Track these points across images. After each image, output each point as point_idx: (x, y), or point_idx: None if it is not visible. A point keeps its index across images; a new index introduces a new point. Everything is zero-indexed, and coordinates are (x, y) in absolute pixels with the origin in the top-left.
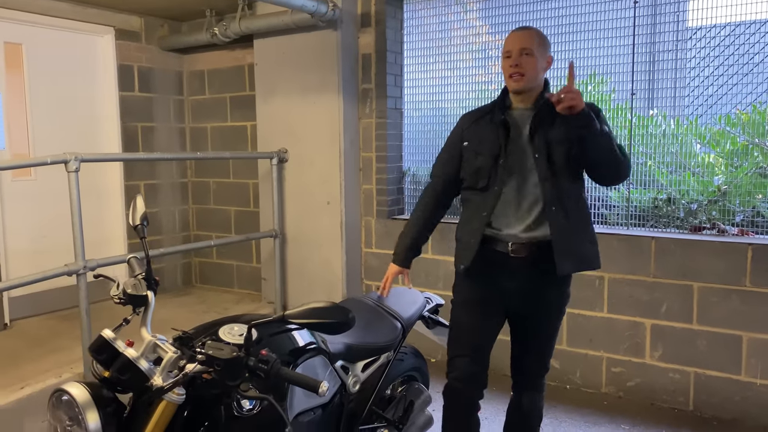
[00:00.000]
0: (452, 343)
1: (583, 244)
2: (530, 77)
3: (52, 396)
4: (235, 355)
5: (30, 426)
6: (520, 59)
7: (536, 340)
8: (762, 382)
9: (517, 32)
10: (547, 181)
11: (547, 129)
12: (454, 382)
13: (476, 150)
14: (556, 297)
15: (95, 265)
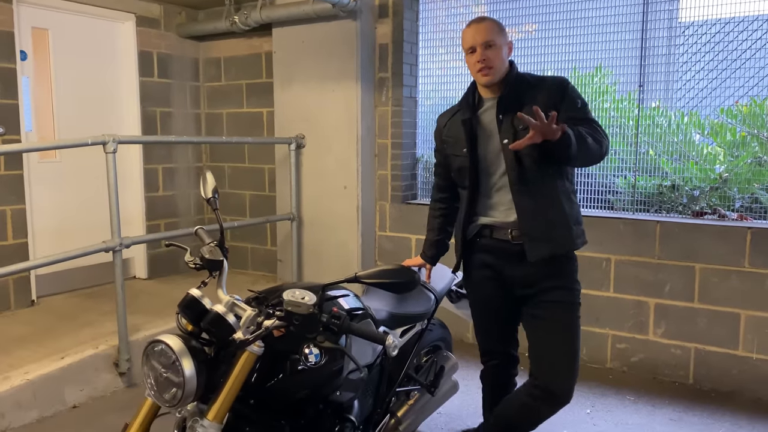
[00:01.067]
0: (479, 334)
1: (553, 228)
2: (498, 68)
3: (147, 347)
4: (311, 311)
5: (70, 393)
6: (485, 53)
7: (549, 329)
8: (758, 357)
9: (476, 25)
10: (513, 170)
11: (513, 115)
12: (487, 368)
13: (453, 152)
14: (562, 281)
15: (130, 243)
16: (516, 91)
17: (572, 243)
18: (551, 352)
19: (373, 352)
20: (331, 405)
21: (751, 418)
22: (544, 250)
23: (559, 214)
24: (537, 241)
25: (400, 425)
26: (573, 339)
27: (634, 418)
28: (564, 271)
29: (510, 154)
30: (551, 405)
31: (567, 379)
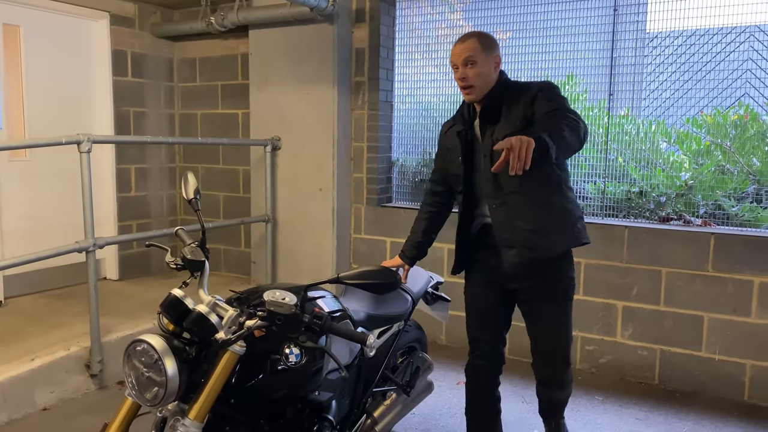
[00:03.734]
0: (470, 327)
1: (527, 235)
2: (479, 87)
3: (129, 346)
4: (294, 311)
5: (40, 395)
6: (465, 71)
7: (539, 328)
8: (720, 358)
9: (459, 44)
10: (488, 180)
11: (493, 128)
12: (476, 360)
13: (451, 159)
14: (547, 281)
15: (104, 243)
16: (497, 102)
17: (550, 249)
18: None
19: (350, 352)
20: (310, 405)
21: (713, 417)
22: (516, 257)
23: (534, 222)
24: (510, 248)
25: (377, 425)
26: (560, 336)
27: (603, 418)
28: (550, 272)
29: (487, 164)
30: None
31: (557, 372)
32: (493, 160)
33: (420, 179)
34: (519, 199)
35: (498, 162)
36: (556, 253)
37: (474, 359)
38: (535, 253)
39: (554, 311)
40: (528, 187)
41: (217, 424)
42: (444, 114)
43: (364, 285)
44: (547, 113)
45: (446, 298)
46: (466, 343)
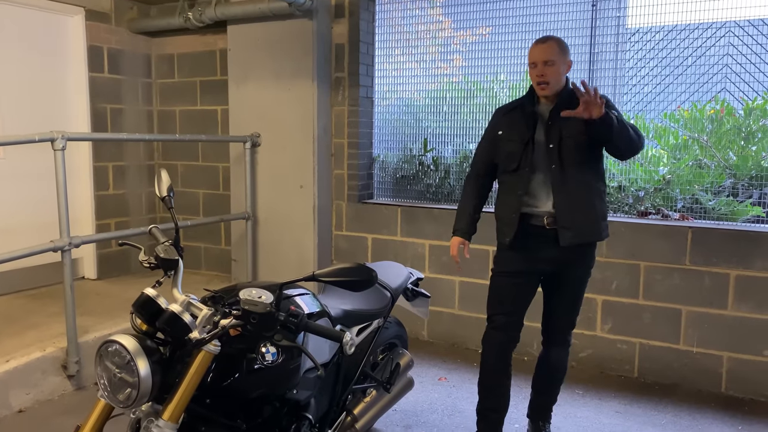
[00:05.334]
0: (492, 303)
1: (583, 221)
2: (554, 84)
3: (100, 347)
4: (269, 309)
5: (16, 396)
6: (544, 69)
7: (567, 299)
8: (698, 350)
9: (540, 45)
10: (555, 167)
11: (562, 123)
12: (492, 331)
13: (508, 137)
14: (584, 261)
15: (79, 242)
16: (567, 105)
17: (598, 235)
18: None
19: (329, 350)
20: (288, 403)
21: (691, 408)
22: (575, 239)
23: (589, 211)
24: (569, 231)
25: (357, 422)
26: (578, 302)
27: (583, 411)
28: (587, 254)
29: (555, 153)
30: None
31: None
32: (561, 147)
33: (401, 176)
34: (581, 189)
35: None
36: (602, 238)
37: (490, 332)
38: (588, 237)
39: (579, 283)
40: (589, 180)
41: (193, 425)
42: (425, 110)
43: (339, 282)
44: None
45: (426, 294)
46: (447, 339)
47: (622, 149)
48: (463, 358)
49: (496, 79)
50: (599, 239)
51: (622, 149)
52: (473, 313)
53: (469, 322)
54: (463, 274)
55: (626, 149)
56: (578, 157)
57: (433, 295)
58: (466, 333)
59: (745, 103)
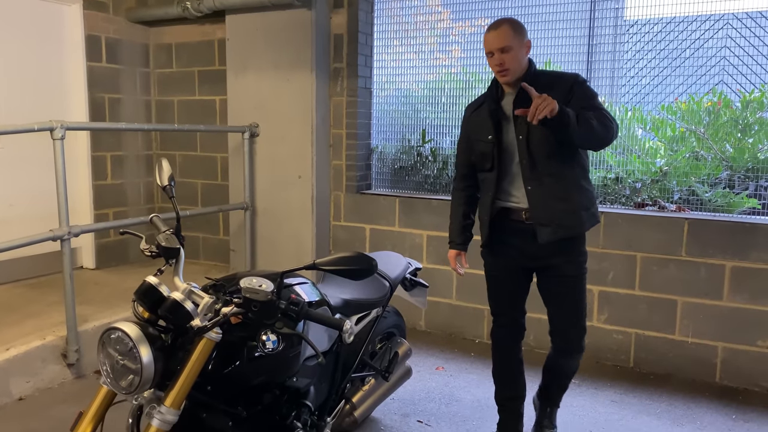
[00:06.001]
0: (491, 302)
1: (561, 215)
2: (514, 69)
3: (103, 334)
4: (270, 297)
5: (16, 385)
6: (502, 57)
7: (565, 305)
8: (693, 340)
9: (493, 31)
10: (524, 159)
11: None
12: (498, 328)
13: (478, 137)
14: (570, 257)
15: (79, 231)
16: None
17: (580, 227)
18: (562, 319)
19: (329, 338)
20: (288, 391)
21: (686, 398)
22: (551, 235)
23: (566, 202)
24: (545, 227)
25: (355, 410)
26: (579, 305)
27: (579, 401)
28: (572, 249)
29: (523, 146)
30: (570, 358)
31: (576, 338)
32: (529, 140)
33: (399, 166)
34: (554, 181)
35: (523, 110)
36: (584, 230)
37: (496, 328)
38: (568, 231)
39: (573, 283)
40: (563, 170)
41: (194, 411)
42: (423, 101)
43: (340, 271)
44: (584, 107)
45: (424, 284)
46: (444, 329)
47: (586, 146)
48: (461, 348)
49: None
50: (581, 231)
51: (586, 146)
52: (470, 303)
53: (466, 312)
54: None
55: (591, 145)
56: (548, 148)
57: (431, 286)
58: (464, 323)
59: (743, 96)
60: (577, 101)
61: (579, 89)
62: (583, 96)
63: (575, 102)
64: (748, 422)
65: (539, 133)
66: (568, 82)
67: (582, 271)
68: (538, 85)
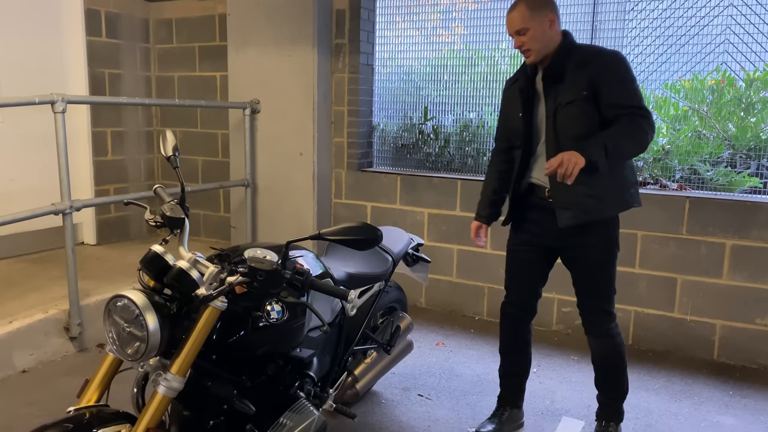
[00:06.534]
0: (506, 277)
1: (584, 198)
2: (537, 49)
3: (109, 302)
4: (275, 267)
5: (19, 357)
6: (521, 39)
7: (584, 281)
8: (692, 318)
9: (509, 15)
10: (549, 140)
11: (557, 91)
12: (506, 306)
13: (510, 114)
14: (595, 240)
15: (80, 206)
16: (561, 66)
17: (603, 212)
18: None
19: (331, 312)
20: (292, 362)
21: (684, 374)
22: (572, 220)
23: (590, 187)
24: (566, 210)
25: (357, 383)
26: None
27: (578, 376)
28: (596, 233)
29: (549, 126)
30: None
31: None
32: (556, 121)
33: (401, 144)
34: None
35: (550, 169)
36: (608, 216)
37: (504, 305)
38: (590, 216)
39: (595, 268)
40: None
41: (199, 380)
42: (425, 78)
43: (345, 241)
44: (617, 108)
45: (426, 259)
46: (444, 306)
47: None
48: (461, 324)
49: (497, 47)
50: (605, 217)
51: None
52: (471, 281)
53: (466, 289)
54: (461, 243)
55: (631, 156)
56: (576, 128)
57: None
58: (464, 300)
59: (746, 75)
60: (609, 94)
61: (614, 76)
62: (617, 86)
63: (606, 94)
64: (745, 398)
65: (567, 114)
66: (604, 62)
67: (607, 258)
68: (572, 61)
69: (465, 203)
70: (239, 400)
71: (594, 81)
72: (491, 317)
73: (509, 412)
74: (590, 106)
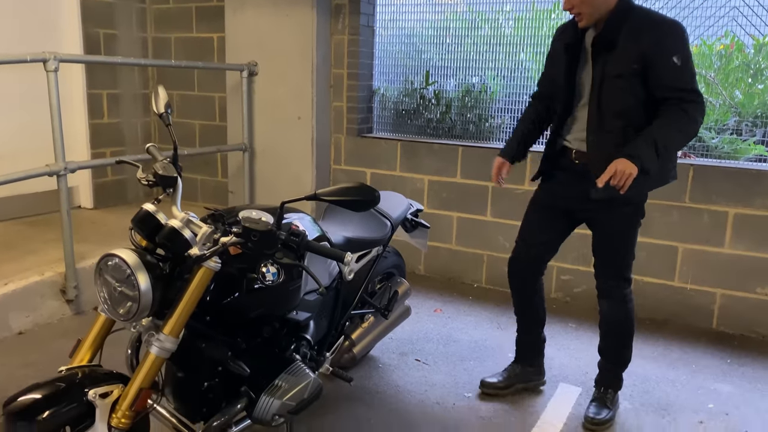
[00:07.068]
0: (520, 229)
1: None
2: (588, 13)
3: (100, 261)
4: (270, 227)
5: (15, 319)
6: (571, 1)
7: (604, 246)
8: (692, 287)
9: None
10: (592, 110)
11: (605, 59)
12: (513, 260)
13: (554, 68)
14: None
15: (75, 167)
16: (614, 32)
17: (641, 188)
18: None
19: (329, 275)
20: (288, 324)
21: (682, 342)
22: (604, 193)
23: None
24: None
25: (354, 347)
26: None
27: (576, 344)
28: (625, 205)
29: (594, 96)
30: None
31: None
32: (602, 92)
33: (402, 109)
34: (619, 134)
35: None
36: (645, 191)
37: (510, 260)
38: (628, 192)
39: (621, 235)
40: (633, 120)
41: (193, 342)
42: (427, 41)
43: (342, 202)
44: (667, 90)
45: (425, 224)
46: (443, 273)
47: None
48: (459, 291)
49: (501, 9)
50: (640, 192)
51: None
52: (470, 248)
53: (465, 257)
54: (461, 210)
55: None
56: (621, 104)
57: (431, 231)
58: (463, 268)
59: (755, 41)
60: (660, 74)
61: (668, 53)
62: (669, 65)
63: (656, 72)
64: (743, 366)
65: (614, 87)
66: (660, 35)
67: (631, 226)
68: (626, 28)
69: (466, 170)
70: (233, 361)
71: (646, 54)
72: (490, 285)
73: (520, 368)
74: (638, 81)
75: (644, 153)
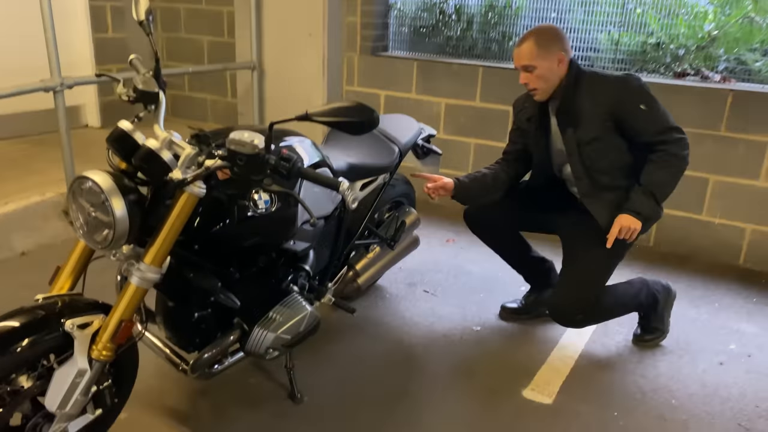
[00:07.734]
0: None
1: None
2: (543, 89)
3: (72, 183)
4: (257, 151)
5: (18, 239)
6: (527, 76)
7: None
8: (720, 221)
9: (517, 48)
10: (579, 173)
11: (574, 127)
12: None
13: (525, 139)
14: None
15: (72, 83)
16: (571, 102)
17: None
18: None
19: (332, 202)
20: (285, 254)
21: (705, 279)
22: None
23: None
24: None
25: (359, 278)
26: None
27: None
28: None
29: (576, 161)
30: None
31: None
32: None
33: (420, 26)
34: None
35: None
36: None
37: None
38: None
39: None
40: (627, 180)
41: (181, 272)
42: None
43: (336, 123)
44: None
45: (437, 151)
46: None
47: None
48: None
49: None
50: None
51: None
52: None
53: None
54: (480, 137)
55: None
56: (606, 161)
57: (447, 158)
58: None
59: None
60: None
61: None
62: (640, 116)
63: (630, 126)
64: None
65: (594, 149)
66: (620, 93)
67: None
68: (583, 94)
69: (486, 93)
70: (223, 292)
71: (614, 112)
72: None
73: (535, 295)
74: (616, 136)
75: (645, 207)
